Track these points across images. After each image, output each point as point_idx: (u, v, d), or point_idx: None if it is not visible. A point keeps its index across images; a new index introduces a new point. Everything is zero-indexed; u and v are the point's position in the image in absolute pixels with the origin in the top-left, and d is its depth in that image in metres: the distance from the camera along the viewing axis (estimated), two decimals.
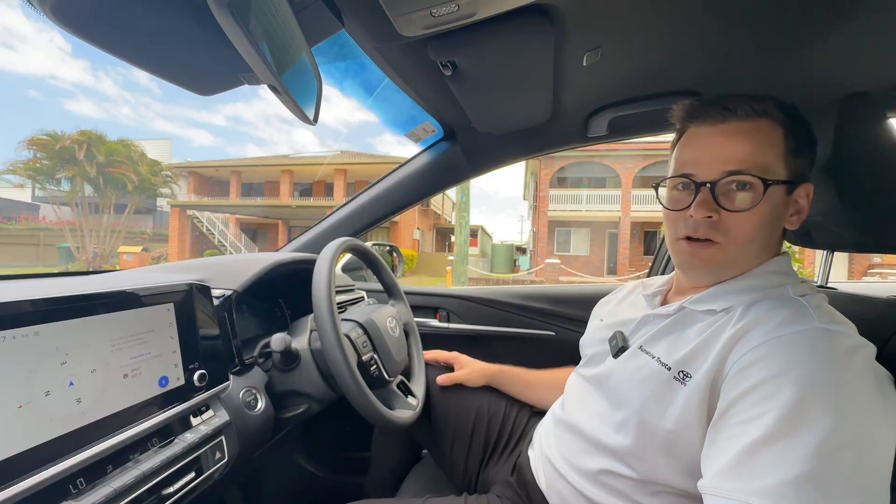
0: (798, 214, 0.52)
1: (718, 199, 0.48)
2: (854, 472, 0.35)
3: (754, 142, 0.48)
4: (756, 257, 0.52)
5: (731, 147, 0.48)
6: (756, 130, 0.48)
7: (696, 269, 0.54)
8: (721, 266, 0.52)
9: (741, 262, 0.51)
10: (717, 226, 0.49)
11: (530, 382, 0.86)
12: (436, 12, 0.50)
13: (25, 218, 20.20)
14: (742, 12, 0.59)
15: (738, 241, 0.49)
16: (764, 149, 0.48)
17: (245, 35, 0.38)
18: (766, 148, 0.48)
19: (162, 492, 0.47)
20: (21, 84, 66.12)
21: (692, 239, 0.51)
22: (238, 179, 18.53)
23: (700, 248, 0.51)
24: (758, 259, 0.52)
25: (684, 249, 0.53)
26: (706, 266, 0.52)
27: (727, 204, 0.48)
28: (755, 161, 0.47)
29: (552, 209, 14.45)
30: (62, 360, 0.41)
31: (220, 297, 0.66)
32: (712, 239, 0.50)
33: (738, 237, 0.49)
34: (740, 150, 0.48)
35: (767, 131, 0.48)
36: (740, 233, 0.49)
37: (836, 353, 0.40)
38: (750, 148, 0.48)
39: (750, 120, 0.49)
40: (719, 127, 0.50)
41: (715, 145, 0.50)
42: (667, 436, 0.47)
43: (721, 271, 0.52)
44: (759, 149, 0.48)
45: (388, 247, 1.38)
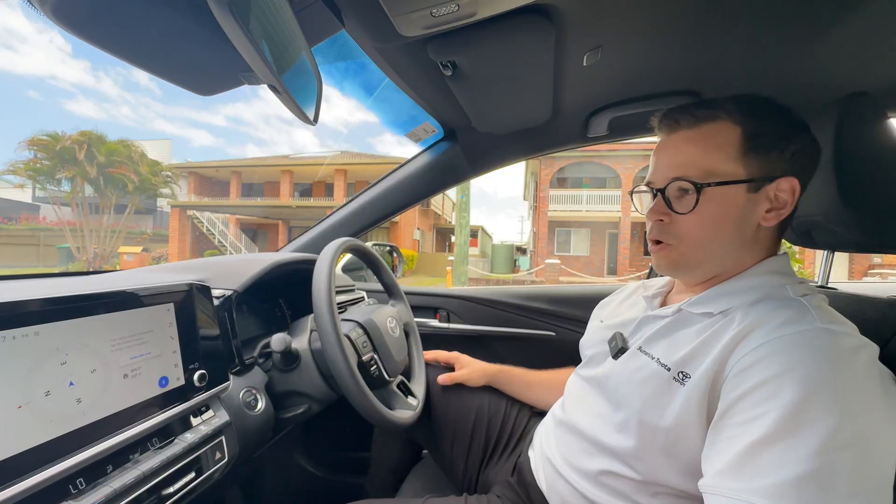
0: (777, 210, 0.50)
1: (670, 204, 0.52)
2: (856, 471, 0.35)
3: (698, 147, 0.50)
4: (735, 256, 0.52)
5: (675, 155, 0.52)
6: (703, 136, 0.51)
7: (662, 269, 0.57)
8: (682, 266, 0.54)
9: (711, 261, 0.53)
10: (668, 229, 0.53)
11: (530, 383, 0.86)
12: (436, 12, 0.50)
13: (26, 218, 20.22)
14: (742, 12, 0.59)
15: (690, 242, 0.52)
16: (707, 152, 0.50)
17: (245, 35, 0.38)
18: (710, 151, 0.50)
19: (162, 492, 0.47)
20: (21, 84, 66.18)
21: (655, 241, 0.55)
22: (238, 180, 18.54)
23: (658, 250, 0.55)
24: (741, 258, 0.52)
25: (652, 251, 0.57)
26: (668, 266, 0.55)
27: (677, 207, 0.52)
28: (697, 166, 0.50)
29: (552, 209, 14.45)
30: (62, 360, 0.41)
31: (221, 297, 0.66)
32: (663, 241, 0.54)
33: (688, 238, 0.52)
34: (682, 157, 0.51)
35: (715, 135, 0.50)
36: (689, 234, 0.52)
37: (837, 353, 0.40)
38: (691, 154, 0.51)
39: (694, 127, 0.51)
40: (670, 137, 0.54)
41: (664, 155, 0.54)
42: (667, 436, 0.48)
43: (690, 270, 0.55)
44: (700, 153, 0.50)
45: (389, 247, 1.38)
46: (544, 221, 14.44)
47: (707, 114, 0.51)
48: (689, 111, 0.52)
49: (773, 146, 0.49)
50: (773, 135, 0.50)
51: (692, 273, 0.55)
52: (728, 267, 0.53)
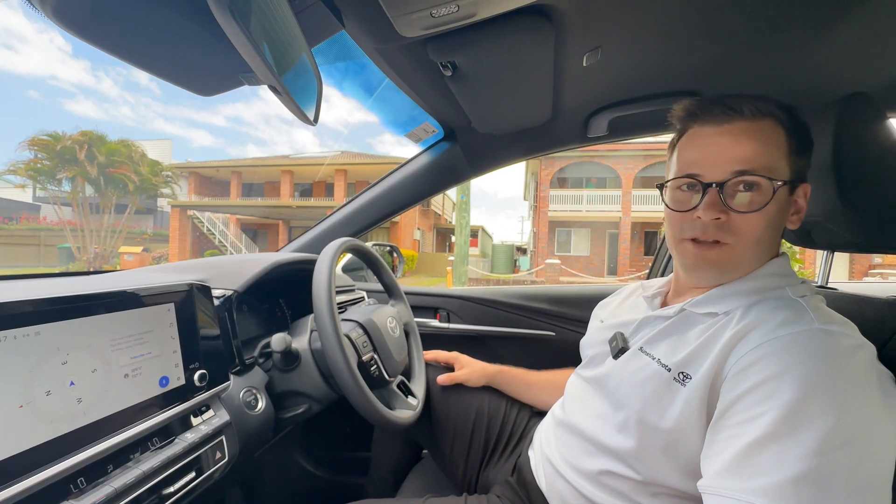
0: (798, 214, 0.52)
1: (726, 200, 0.48)
2: (854, 471, 0.35)
3: (760, 142, 0.47)
4: (761, 258, 0.52)
5: (739, 147, 0.48)
6: (761, 131, 0.48)
7: (701, 270, 0.52)
8: (729, 267, 0.51)
9: (748, 263, 0.51)
10: (725, 227, 0.49)
11: (530, 383, 0.87)
12: (436, 13, 0.50)
13: (26, 218, 20.22)
14: (741, 13, 0.59)
15: (748, 242, 0.49)
16: (769, 149, 0.48)
17: (245, 35, 0.38)
18: (772, 148, 0.48)
19: (162, 491, 0.47)
20: (21, 84, 66.28)
21: (698, 241, 0.51)
22: (238, 180, 18.54)
23: (707, 250, 0.50)
24: (762, 260, 0.52)
25: (690, 251, 0.52)
26: (713, 267, 0.51)
27: (735, 205, 0.48)
28: (762, 161, 0.47)
29: (552, 209, 14.44)
30: (63, 359, 0.41)
31: (221, 297, 0.66)
32: (720, 240, 0.49)
33: (748, 238, 0.48)
34: (748, 150, 0.47)
35: (771, 132, 0.48)
36: (749, 233, 0.48)
37: (835, 353, 0.40)
38: (757, 148, 0.47)
39: (755, 120, 0.48)
40: (724, 127, 0.49)
41: (721, 145, 0.49)
42: (667, 436, 0.48)
43: (728, 272, 0.51)
44: (765, 149, 0.47)
45: (389, 247, 1.38)
46: (544, 221, 14.44)
47: (765, 108, 0.48)
48: (750, 101, 0.48)
49: (804, 151, 0.51)
50: (804, 140, 0.51)
51: (728, 275, 0.51)
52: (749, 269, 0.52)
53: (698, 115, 0.52)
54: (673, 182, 0.53)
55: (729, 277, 0.52)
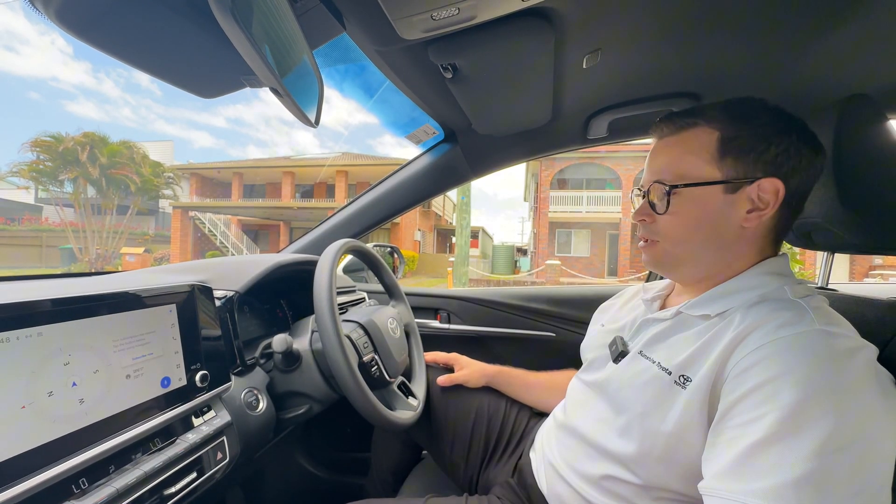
0: (759, 211, 0.50)
1: (653, 205, 0.55)
2: (854, 473, 0.35)
3: (673, 152, 0.54)
4: (716, 256, 0.52)
5: (655, 160, 0.56)
6: (680, 141, 0.54)
7: (649, 265, 0.59)
8: (665, 262, 0.57)
9: (692, 260, 0.54)
10: (652, 228, 0.56)
11: (529, 384, 0.87)
12: (436, 16, 0.51)
13: (28, 219, 20.28)
14: (741, 15, 0.59)
15: (670, 240, 0.55)
16: (683, 156, 0.52)
17: (247, 38, 0.38)
18: (687, 155, 0.52)
19: (164, 492, 0.47)
20: (23, 86, 66.54)
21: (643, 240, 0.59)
22: (240, 181, 18.57)
23: (646, 248, 0.58)
24: (726, 258, 0.52)
25: (640, 248, 0.60)
26: (652, 261, 0.58)
27: (658, 209, 0.55)
28: (672, 170, 0.53)
29: (553, 210, 14.44)
30: (65, 360, 0.41)
31: (222, 297, 0.66)
32: (649, 238, 0.57)
33: (668, 237, 0.55)
34: (661, 162, 0.55)
35: (693, 140, 0.52)
36: (668, 232, 0.54)
37: (835, 355, 0.40)
38: (668, 158, 0.54)
39: (674, 134, 0.54)
40: (655, 144, 0.58)
41: (650, 159, 0.57)
42: (668, 440, 0.48)
43: (673, 268, 0.57)
44: (677, 157, 0.53)
45: (389, 248, 1.39)
46: (545, 222, 14.44)
47: (687, 121, 0.53)
48: (672, 119, 0.55)
49: (752, 148, 0.49)
50: (753, 137, 0.50)
51: (676, 270, 0.57)
52: (715, 267, 0.53)
53: (652, 135, 0.59)
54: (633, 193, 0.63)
55: (684, 274, 0.57)
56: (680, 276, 0.58)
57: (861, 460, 0.35)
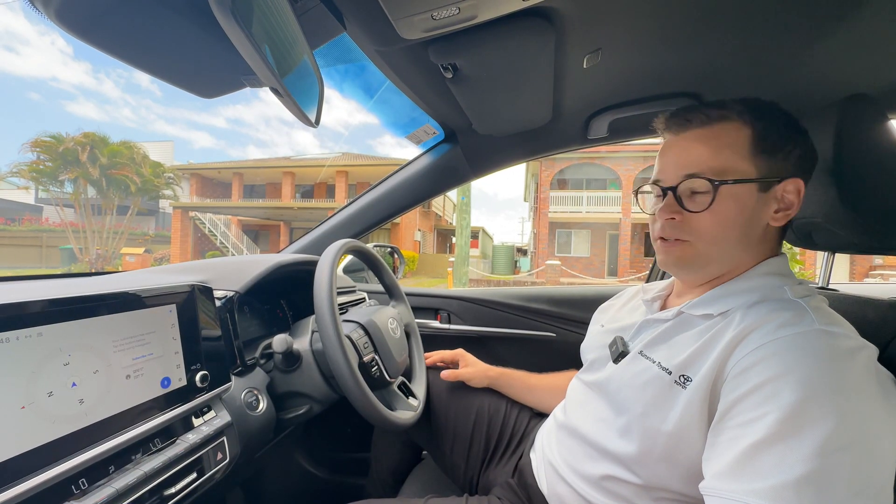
0: (785, 211, 0.51)
1: (682, 202, 0.52)
2: (855, 473, 0.35)
3: (710, 146, 0.51)
4: (741, 255, 0.52)
5: (687, 153, 0.52)
6: (713, 135, 0.51)
7: (671, 266, 0.56)
8: (694, 263, 0.54)
9: (720, 260, 0.53)
10: (681, 226, 0.53)
11: (532, 386, 0.87)
12: (436, 15, 0.50)
13: (28, 219, 20.30)
14: (741, 14, 0.59)
15: (705, 239, 0.52)
16: (719, 151, 0.50)
17: (247, 38, 0.38)
18: (722, 149, 0.50)
19: (164, 492, 0.47)
20: (23, 86, 66.60)
21: (664, 239, 0.55)
22: (240, 181, 18.57)
23: (670, 247, 0.54)
24: (746, 258, 0.52)
25: (659, 248, 0.56)
26: (680, 263, 0.55)
27: (690, 206, 0.52)
28: (709, 164, 0.50)
29: (553, 211, 14.44)
30: (65, 360, 0.41)
31: (222, 298, 0.66)
32: (680, 238, 0.53)
33: (702, 235, 0.52)
34: (694, 155, 0.52)
35: (726, 134, 0.51)
36: (703, 231, 0.51)
37: (836, 355, 0.40)
38: (703, 152, 0.51)
39: (706, 126, 0.52)
40: (680, 136, 0.54)
41: (674, 153, 0.54)
42: (668, 440, 0.47)
43: (698, 268, 0.54)
44: (713, 152, 0.51)
45: (390, 248, 1.39)
46: (545, 223, 14.44)
47: (719, 113, 0.51)
48: (701, 110, 0.52)
49: (780, 148, 0.50)
50: (781, 137, 0.51)
51: (700, 271, 0.54)
52: (732, 266, 0.53)
53: (666, 128, 0.57)
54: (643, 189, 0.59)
55: (704, 273, 0.54)
56: (698, 276, 0.55)
57: (862, 460, 0.35)
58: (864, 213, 0.59)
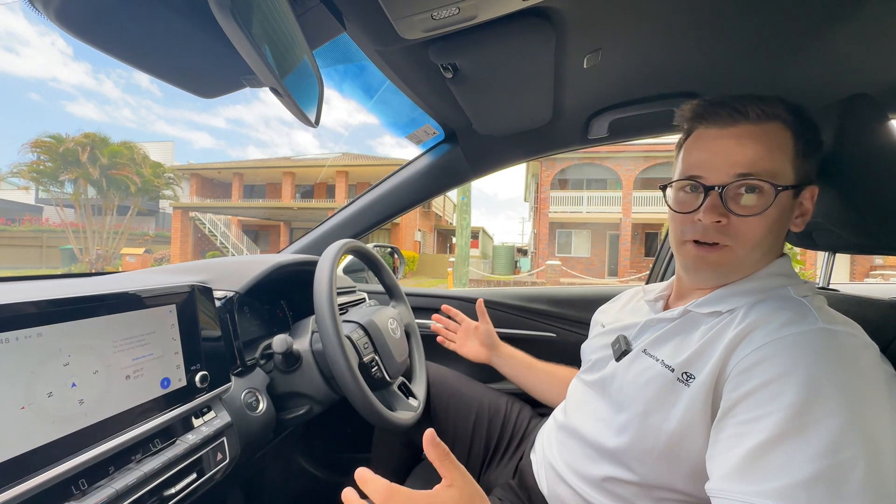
0: (803, 216, 0.52)
1: (727, 203, 0.48)
2: (865, 471, 0.34)
3: (764, 146, 0.47)
4: (763, 260, 0.52)
5: (742, 150, 0.48)
6: (766, 134, 0.48)
7: (702, 271, 0.53)
8: (729, 269, 0.51)
9: (749, 265, 0.51)
10: (725, 230, 0.49)
11: (531, 365, 0.88)
12: (436, 15, 0.50)
13: (29, 220, 20.31)
14: (742, 14, 0.59)
15: (748, 245, 0.49)
16: (773, 153, 0.47)
17: (247, 38, 0.38)
18: (776, 152, 0.47)
19: (164, 493, 0.47)
20: (23, 87, 66.64)
21: (699, 242, 0.51)
22: (240, 181, 18.58)
23: (708, 252, 0.50)
24: (764, 261, 0.52)
25: (691, 253, 0.52)
26: (714, 269, 0.51)
27: (736, 208, 0.48)
28: (765, 165, 0.47)
29: (553, 211, 14.44)
30: (65, 361, 0.41)
31: (222, 298, 0.66)
32: (720, 242, 0.49)
33: (748, 241, 0.48)
34: (751, 154, 0.47)
35: (777, 135, 0.48)
36: (750, 236, 0.48)
37: (840, 353, 0.40)
38: (760, 152, 0.47)
39: (760, 123, 0.48)
40: (729, 130, 0.49)
41: (725, 148, 0.49)
42: (671, 438, 0.47)
43: (729, 274, 0.52)
44: (768, 153, 0.47)
45: (390, 248, 1.39)
46: (545, 223, 14.44)
47: (771, 111, 0.48)
48: (755, 104, 0.48)
49: (811, 153, 0.50)
50: (812, 142, 0.50)
51: (729, 276, 0.52)
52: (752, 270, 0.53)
53: (704, 117, 0.51)
54: (677, 183, 0.53)
55: (729, 279, 0.52)
56: (725, 281, 0.52)
57: (871, 458, 0.35)
58: (864, 214, 0.59)
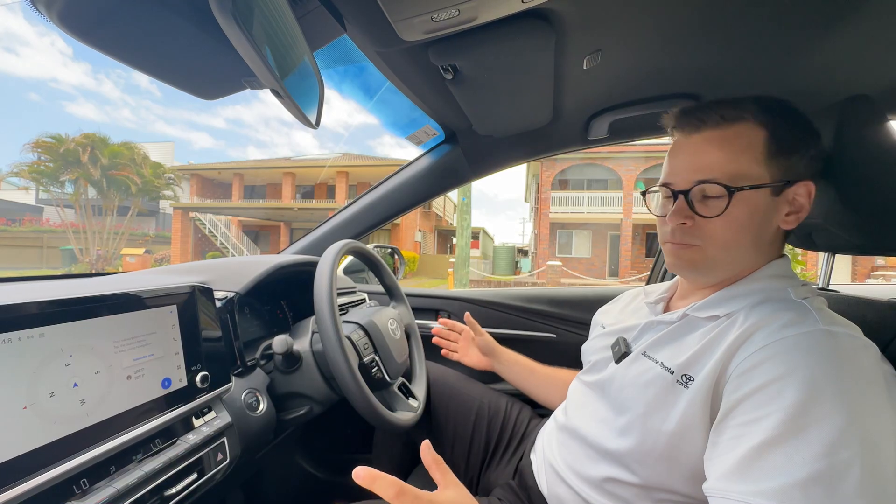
0: (796, 214, 0.51)
1: (694, 206, 0.51)
2: (864, 472, 0.34)
3: (723, 150, 0.50)
4: (751, 259, 0.52)
5: (700, 157, 0.51)
6: (726, 138, 0.50)
7: (681, 270, 0.56)
8: (705, 267, 0.53)
9: (731, 263, 0.52)
10: (692, 231, 0.52)
11: (533, 369, 0.89)
12: (436, 17, 0.51)
13: (29, 220, 20.33)
14: (742, 16, 0.59)
15: (716, 245, 0.51)
16: (734, 155, 0.49)
17: (248, 40, 0.38)
18: (738, 154, 0.49)
19: (164, 493, 0.47)
20: (23, 87, 66.71)
21: (675, 243, 0.54)
22: (240, 182, 18.59)
23: (682, 250, 0.53)
24: (755, 261, 0.52)
25: (670, 251, 0.55)
26: (689, 267, 0.54)
27: (702, 210, 0.50)
28: (724, 169, 0.49)
29: (554, 211, 14.44)
30: (66, 361, 0.41)
31: (223, 299, 0.66)
32: (690, 243, 0.52)
33: (715, 241, 0.51)
34: (708, 160, 0.50)
35: (741, 137, 0.49)
36: (717, 237, 0.50)
37: (840, 354, 0.40)
38: (718, 156, 0.49)
39: (721, 128, 0.50)
40: (693, 137, 0.52)
41: (686, 155, 0.52)
42: (670, 439, 0.47)
43: (708, 272, 0.53)
44: (728, 156, 0.49)
45: (390, 249, 1.39)
46: (546, 223, 14.44)
47: (734, 114, 0.50)
48: (715, 111, 0.50)
49: (795, 149, 0.50)
50: (795, 138, 0.50)
51: (709, 274, 0.54)
52: (742, 269, 0.53)
53: (676, 126, 0.55)
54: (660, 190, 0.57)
55: (712, 277, 0.54)
56: (707, 279, 0.55)
57: (870, 459, 0.35)
58: (863, 214, 0.59)
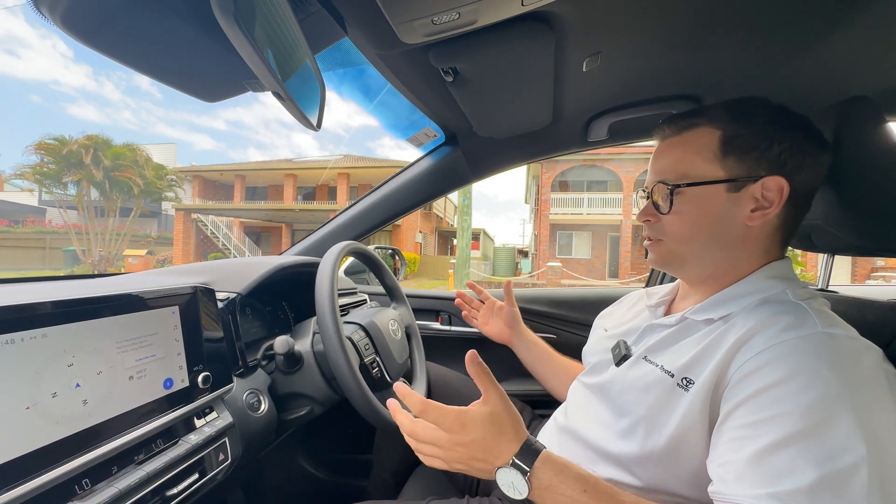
0: (763, 210, 0.50)
1: (658, 206, 0.56)
2: (870, 474, 0.34)
3: (676, 152, 0.55)
4: (722, 256, 0.53)
5: (659, 161, 0.57)
6: (680, 142, 0.55)
7: (656, 264, 0.60)
8: (674, 261, 0.57)
9: (698, 258, 0.54)
10: (656, 227, 0.57)
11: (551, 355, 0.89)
12: (437, 20, 0.51)
13: (32, 221, 20.37)
14: (741, 17, 0.59)
15: (675, 239, 0.55)
16: (686, 156, 0.53)
17: (250, 43, 0.38)
18: (689, 155, 0.53)
19: (166, 493, 0.47)
20: (24, 89, 66.93)
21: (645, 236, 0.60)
22: (242, 183, 18.63)
23: (651, 245, 0.59)
24: (735, 259, 0.53)
25: (646, 247, 0.60)
26: (661, 262, 0.59)
27: (661, 209, 0.55)
28: (675, 170, 0.54)
29: (554, 212, 14.44)
30: (69, 361, 0.41)
31: (225, 299, 0.67)
32: (654, 238, 0.58)
33: (674, 236, 0.55)
34: (663, 163, 0.56)
35: (695, 139, 0.53)
36: (674, 232, 0.55)
37: (841, 357, 0.40)
38: (671, 159, 0.55)
39: (682, 133, 0.55)
40: (660, 145, 0.58)
41: (653, 161, 0.58)
42: (670, 442, 0.47)
43: (679, 266, 0.57)
44: (679, 158, 0.54)
45: (391, 250, 1.39)
46: (546, 224, 14.43)
47: (689, 122, 0.54)
48: (675, 120, 0.56)
49: (754, 147, 0.50)
50: (755, 135, 0.50)
51: (680, 269, 0.58)
52: (720, 267, 0.53)
53: (655, 136, 0.60)
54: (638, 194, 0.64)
55: (691, 273, 0.57)
56: (685, 274, 0.59)
57: (876, 460, 0.35)
58: (863, 215, 0.59)
